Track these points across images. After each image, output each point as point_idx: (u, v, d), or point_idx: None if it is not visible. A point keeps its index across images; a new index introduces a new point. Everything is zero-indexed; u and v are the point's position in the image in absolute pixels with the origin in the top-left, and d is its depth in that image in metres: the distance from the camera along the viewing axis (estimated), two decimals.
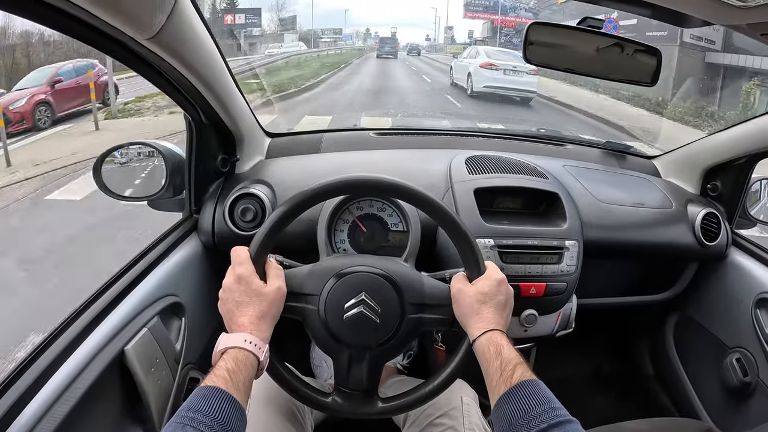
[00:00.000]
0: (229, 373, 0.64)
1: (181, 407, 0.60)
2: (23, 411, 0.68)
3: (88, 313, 0.84)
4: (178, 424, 0.57)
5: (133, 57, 0.78)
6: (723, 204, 1.37)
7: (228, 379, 0.63)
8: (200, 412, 0.58)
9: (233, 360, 0.66)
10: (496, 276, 0.79)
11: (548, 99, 11.25)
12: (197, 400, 0.60)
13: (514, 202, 1.22)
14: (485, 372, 0.71)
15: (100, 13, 0.62)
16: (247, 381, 0.67)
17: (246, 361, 0.67)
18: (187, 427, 0.56)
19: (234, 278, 0.74)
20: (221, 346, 0.69)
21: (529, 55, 0.90)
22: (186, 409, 0.59)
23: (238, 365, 0.66)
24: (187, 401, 0.60)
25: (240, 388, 0.64)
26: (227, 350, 0.68)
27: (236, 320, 0.72)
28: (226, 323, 0.74)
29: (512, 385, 0.66)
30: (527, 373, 0.68)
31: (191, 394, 0.62)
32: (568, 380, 1.65)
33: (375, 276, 0.79)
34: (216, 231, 1.13)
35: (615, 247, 1.24)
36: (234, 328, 0.71)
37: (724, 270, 1.35)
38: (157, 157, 1.13)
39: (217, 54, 0.94)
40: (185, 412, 0.58)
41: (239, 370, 0.65)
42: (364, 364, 0.79)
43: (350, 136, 1.56)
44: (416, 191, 0.81)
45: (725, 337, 1.33)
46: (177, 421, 0.57)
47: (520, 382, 0.66)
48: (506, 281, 0.80)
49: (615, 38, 0.94)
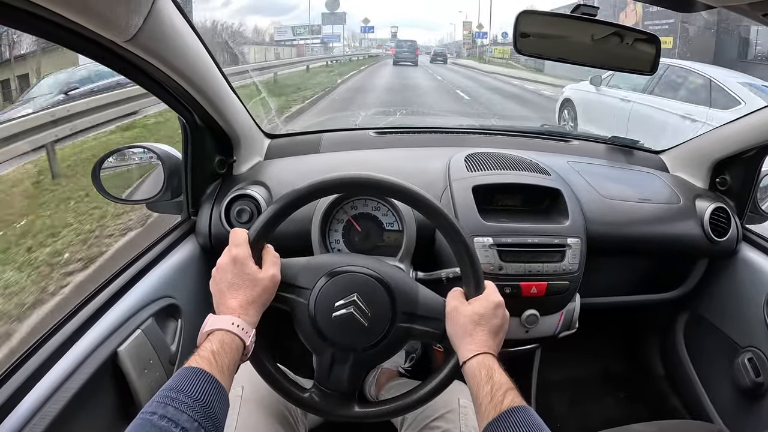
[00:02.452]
0: (213, 355, 0.63)
1: (163, 387, 0.59)
2: (15, 409, 0.69)
3: (83, 314, 0.85)
4: (159, 403, 0.56)
5: (117, 60, 0.78)
6: (732, 198, 1.34)
7: (212, 360, 0.63)
8: (182, 392, 0.57)
9: (219, 342, 0.65)
10: (494, 298, 0.77)
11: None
12: (180, 380, 0.59)
13: (515, 200, 1.20)
14: (474, 395, 0.69)
15: (75, 17, 0.62)
16: (232, 364, 0.66)
17: (232, 344, 0.66)
18: (168, 407, 0.55)
19: (229, 259, 0.73)
20: (207, 327, 0.68)
21: (520, 47, 0.87)
22: (168, 389, 0.58)
23: (223, 348, 0.65)
24: (170, 381, 0.60)
25: (224, 371, 0.63)
26: (213, 332, 0.67)
27: (226, 302, 0.71)
28: (215, 303, 0.73)
29: (502, 411, 0.64)
30: (518, 399, 0.66)
31: (174, 373, 0.61)
32: (575, 381, 1.63)
33: (369, 278, 0.78)
34: (213, 233, 1.13)
35: (620, 243, 1.21)
36: (222, 310, 0.70)
37: (734, 266, 1.31)
38: (154, 159, 1.14)
39: (204, 55, 0.93)
40: (167, 391, 0.58)
41: (224, 353, 0.64)
42: (347, 366, 0.78)
43: (350, 136, 1.55)
44: (418, 193, 0.79)
45: (737, 336, 1.29)
46: (158, 400, 0.56)
47: (510, 408, 0.64)
48: (504, 305, 0.77)
49: (614, 26, 0.91)
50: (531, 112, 9.31)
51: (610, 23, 0.91)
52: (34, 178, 3.93)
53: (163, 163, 1.12)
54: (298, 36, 30.10)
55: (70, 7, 0.61)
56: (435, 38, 62.82)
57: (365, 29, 39.20)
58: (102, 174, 1.10)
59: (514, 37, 0.87)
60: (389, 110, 7.91)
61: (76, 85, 6.18)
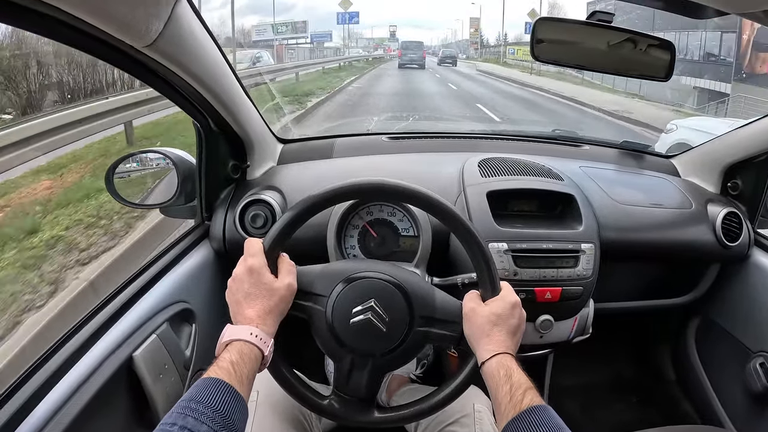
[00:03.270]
0: (233, 365, 0.63)
1: (182, 397, 0.59)
2: (31, 413, 0.69)
3: (98, 319, 0.85)
4: (179, 414, 0.56)
5: (134, 65, 0.78)
6: (744, 203, 1.33)
7: (232, 371, 0.63)
8: (202, 403, 0.57)
9: (238, 353, 0.65)
10: (510, 298, 0.77)
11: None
12: (199, 391, 0.59)
13: (529, 205, 1.20)
14: (493, 395, 0.69)
15: (95, 22, 0.62)
16: (251, 375, 0.66)
17: (250, 354, 0.66)
18: (188, 417, 0.55)
19: (245, 269, 0.73)
20: (226, 338, 0.68)
21: (537, 53, 0.88)
22: (188, 399, 0.58)
23: (242, 358, 0.65)
24: (189, 391, 0.60)
25: (243, 382, 0.63)
26: (232, 342, 0.67)
27: (243, 312, 0.71)
28: (231, 313, 0.73)
29: (522, 410, 0.64)
30: (537, 399, 0.66)
31: (193, 384, 0.61)
32: (587, 386, 1.62)
33: (386, 283, 0.78)
34: (227, 238, 1.13)
35: (633, 249, 1.21)
36: (240, 320, 0.70)
37: (746, 271, 1.31)
38: (168, 164, 1.14)
39: (221, 60, 0.93)
40: (187, 402, 0.58)
41: (243, 363, 0.64)
42: (366, 371, 0.78)
43: (363, 141, 1.55)
44: (435, 199, 0.79)
45: (748, 341, 1.28)
46: (178, 411, 0.56)
47: (530, 407, 0.64)
48: (520, 305, 0.78)
49: (628, 33, 0.91)
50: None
51: (626, 29, 0.91)
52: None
53: (176, 167, 1.12)
54: (280, 35, 24.74)
55: (92, 13, 0.61)
56: (437, 37, 61.54)
57: (345, 18, 29.53)
58: (116, 179, 1.10)
59: (531, 43, 0.87)
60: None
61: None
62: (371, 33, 41.60)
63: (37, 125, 3.89)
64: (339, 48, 30.01)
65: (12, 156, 3.53)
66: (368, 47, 37.13)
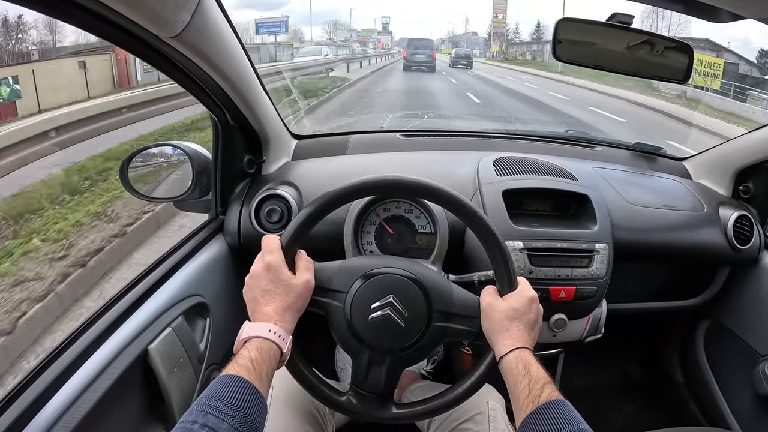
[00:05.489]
0: (252, 362, 0.63)
1: (202, 395, 0.59)
2: (46, 405, 0.69)
3: (113, 311, 0.85)
4: (200, 411, 0.56)
5: (157, 56, 0.78)
6: (756, 206, 1.34)
7: (251, 368, 0.62)
8: (222, 400, 0.57)
9: (257, 350, 0.65)
10: (528, 293, 0.77)
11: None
12: (220, 389, 0.59)
13: (544, 204, 1.21)
14: (512, 390, 0.69)
15: (124, 11, 0.62)
16: (270, 372, 0.66)
17: (269, 351, 0.66)
18: (208, 415, 0.55)
19: (263, 266, 0.73)
20: (244, 335, 0.67)
21: (558, 53, 0.88)
22: (208, 396, 0.58)
23: (261, 355, 0.65)
24: (209, 389, 0.60)
25: (262, 379, 0.63)
26: (250, 339, 0.67)
27: (261, 309, 0.71)
28: (249, 311, 0.73)
29: (540, 404, 0.64)
30: (555, 393, 0.66)
31: (213, 381, 0.61)
32: (596, 387, 1.63)
33: (405, 279, 0.78)
34: (242, 232, 1.13)
35: (645, 250, 1.21)
36: (258, 317, 0.70)
37: (757, 275, 1.31)
38: (183, 158, 1.14)
39: (242, 53, 0.93)
40: (206, 399, 0.58)
41: (262, 361, 0.64)
42: (384, 368, 0.78)
43: (377, 138, 1.55)
44: (452, 195, 0.79)
45: (758, 345, 1.29)
46: (198, 408, 0.56)
47: (548, 401, 0.64)
48: (537, 299, 0.78)
49: (646, 34, 0.92)
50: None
51: (645, 31, 0.91)
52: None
53: (191, 161, 1.12)
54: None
55: (123, 2, 0.61)
56: (429, 31, 59.29)
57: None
58: (130, 172, 1.10)
59: (552, 43, 0.88)
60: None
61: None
62: (359, 27, 36.39)
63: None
64: (293, 45, 23.58)
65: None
66: (349, 42, 28.52)
